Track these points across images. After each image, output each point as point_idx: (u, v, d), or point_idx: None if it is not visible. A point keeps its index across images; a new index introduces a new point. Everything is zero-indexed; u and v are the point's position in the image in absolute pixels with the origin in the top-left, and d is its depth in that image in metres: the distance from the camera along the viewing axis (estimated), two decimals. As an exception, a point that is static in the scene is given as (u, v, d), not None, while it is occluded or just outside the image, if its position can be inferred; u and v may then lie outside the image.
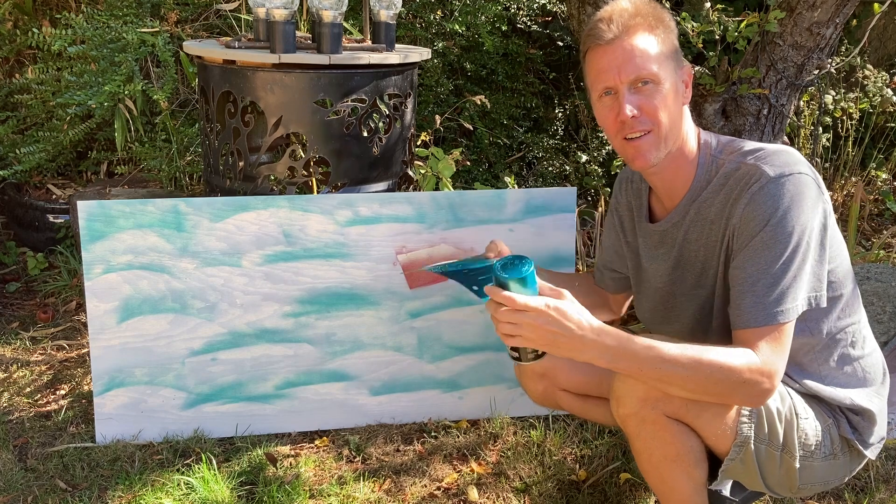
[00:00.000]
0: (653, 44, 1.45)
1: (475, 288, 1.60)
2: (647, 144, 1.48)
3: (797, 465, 1.52)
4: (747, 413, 1.49)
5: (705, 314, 1.61)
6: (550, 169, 3.84)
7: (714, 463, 1.56)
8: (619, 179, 1.81)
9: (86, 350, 2.56)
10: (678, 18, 2.92)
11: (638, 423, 1.50)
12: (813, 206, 1.41)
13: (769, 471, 1.54)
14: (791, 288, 1.39)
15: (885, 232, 3.54)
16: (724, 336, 1.51)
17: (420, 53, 2.64)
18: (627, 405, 1.49)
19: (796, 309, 1.40)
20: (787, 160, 1.44)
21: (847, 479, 1.63)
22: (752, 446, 1.50)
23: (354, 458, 2.09)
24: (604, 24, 1.46)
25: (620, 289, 1.89)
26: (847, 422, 1.55)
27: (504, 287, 1.40)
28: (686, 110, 1.54)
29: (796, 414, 1.51)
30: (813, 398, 1.55)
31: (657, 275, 1.68)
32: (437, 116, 3.15)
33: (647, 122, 1.46)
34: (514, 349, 1.48)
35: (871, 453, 1.59)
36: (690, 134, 1.54)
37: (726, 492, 1.83)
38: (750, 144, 1.52)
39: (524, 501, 1.94)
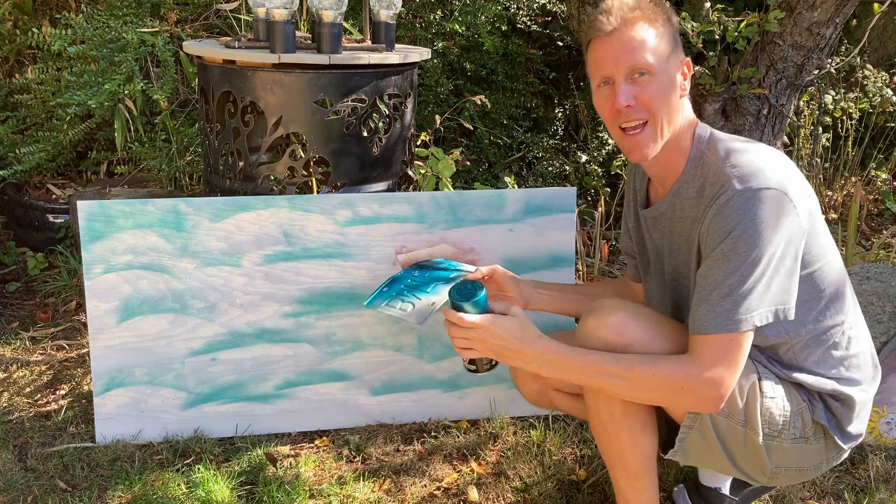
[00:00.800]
0: (650, 36, 1.48)
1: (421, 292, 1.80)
2: (645, 137, 1.51)
3: (761, 443, 1.52)
4: None
5: (680, 310, 1.63)
6: (550, 169, 3.84)
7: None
8: (632, 164, 1.83)
9: (86, 350, 2.56)
10: (678, 18, 2.92)
11: None
12: (777, 222, 1.40)
13: (734, 448, 1.54)
14: (746, 300, 1.40)
15: (885, 232, 3.54)
16: None
17: (420, 53, 2.64)
18: None
19: (750, 321, 1.41)
20: (759, 174, 1.42)
21: (824, 469, 1.60)
22: (710, 421, 1.51)
23: (354, 458, 2.09)
24: (604, 16, 1.50)
25: (638, 277, 1.88)
26: (824, 407, 1.55)
27: (458, 308, 1.56)
28: (685, 102, 1.56)
29: (761, 391, 1.51)
30: (790, 382, 1.55)
31: (648, 259, 1.72)
32: (437, 116, 3.16)
33: (642, 112, 1.49)
34: (470, 363, 1.65)
35: (847, 444, 1.57)
36: (687, 125, 1.56)
37: (725, 490, 1.84)
38: (735, 145, 1.50)
39: (524, 501, 1.94)
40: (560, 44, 4.15)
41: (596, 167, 3.66)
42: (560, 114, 4.12)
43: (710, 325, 1.42)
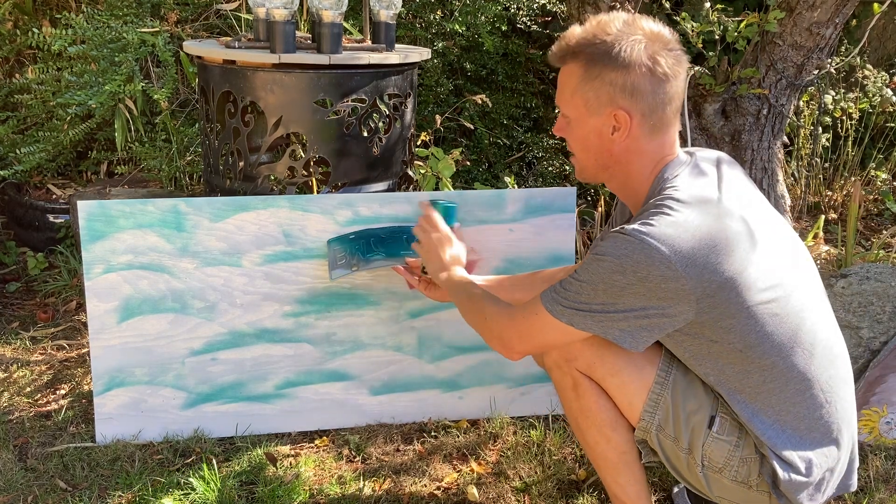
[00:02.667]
0: (574, 83, 1.47)
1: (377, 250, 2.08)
2: (574, 162, 1.60)
3: (700, 473, 1.51)
4: (652, 402, 1.51)
5: None
6: (550, 169, 3.84)
7: None
8: None
9: (86, 350, 2.57)
10: (678, 18, 2.92)
11: (558, 372, 1.60)
12: (642, 278, 1.36)
13: (678, 466, 1.55)
14: (572, 302, 1.44)
15: (885, 232, 3.54)
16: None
17: (420, 53, 2.64)
18: (551, 355, 1.60)
19: (559, 314, 1.47)
20: (659, 231, 1.36)
21: None
22: (656, 436, 1.52)
23: (354, 458, 2.09)
24: (557, 42, 1.51)
25: None
26: (773, 469, 1.47)
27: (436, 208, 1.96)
28: (638, 146, 1.49)
29: (709, 427, 1.49)
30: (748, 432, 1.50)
31: None
32: (438, 116, 3.15)
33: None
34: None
35: None
36: (644, 169, 1.50)
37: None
38: (675, 198, 1.42)
39: (524, 501, 1.94)
40: (560, 44, 4.14)
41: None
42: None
43: (545, 293, 1.50)
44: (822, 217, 3.31)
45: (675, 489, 1.92)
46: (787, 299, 1.45)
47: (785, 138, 3.10)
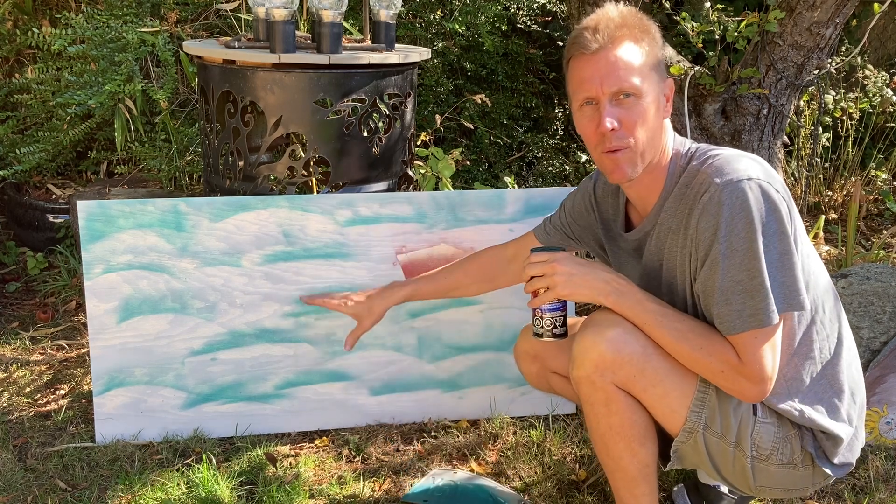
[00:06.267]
0: (637, 56, 1.45)
1: None
2: (626, 159, 1.48)
3: (749, 464, 1.52)
4: (698, 402, 1.50)
5: None
6: (550, 169, 3.84)
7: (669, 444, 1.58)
8: (596, 186, 1.81)
9: (86, 350, 2.56)
10: (678, 18, 2.92)
11: (589, 387, 1.54)
12: (764, 209, 1.38)
13: (722, 464, 1.55)
14: (759, 292, 1.38)
15: (885, 232, 3.54)
16: None
17: (420, 53, 2.64)
18: (581, 367, 1.52)
19: (768, 309, 1.39)
20: (737, 168, 1.41)
21: (810, 492, 1.59)
22: (703, 436, 1.51)
23: (354, 458, 2.09)
24: (589, 32, 1.46)
25: (546, 237, 1.88)
26: (812, 436, 1.52)
27: None
28: (667, 123, 1.54)
29: (754, 415, 1.50)
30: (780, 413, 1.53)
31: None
32: (438, 116, 3.15)
33: (625, 136, 1.47)
34: (536, 329, 1.58)
35: (835, 472, 1.54)
36: (668, 145, 1.54)
37: (724, 488, 1.84)
38: (713, 151, 1.50)
39: (524, 501, 1.94)
40: (560, 44, 4.15)
41: (595, 167, 3.66)
42: (560, 114, 4.12)
43: (737, 325, 1.41)
44: (823, 217, 3.31)
45: (675, 488, 1.92)
46: (813, 256, 1.52)
47: (785, 138, 3.10)
